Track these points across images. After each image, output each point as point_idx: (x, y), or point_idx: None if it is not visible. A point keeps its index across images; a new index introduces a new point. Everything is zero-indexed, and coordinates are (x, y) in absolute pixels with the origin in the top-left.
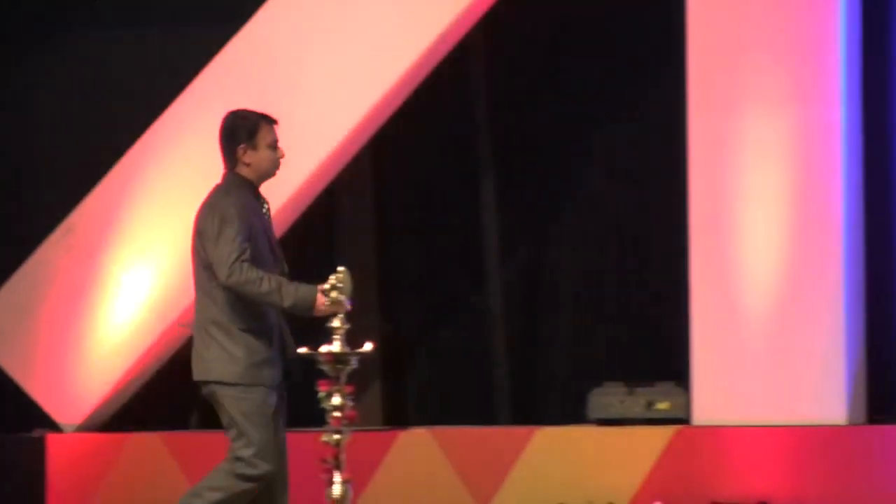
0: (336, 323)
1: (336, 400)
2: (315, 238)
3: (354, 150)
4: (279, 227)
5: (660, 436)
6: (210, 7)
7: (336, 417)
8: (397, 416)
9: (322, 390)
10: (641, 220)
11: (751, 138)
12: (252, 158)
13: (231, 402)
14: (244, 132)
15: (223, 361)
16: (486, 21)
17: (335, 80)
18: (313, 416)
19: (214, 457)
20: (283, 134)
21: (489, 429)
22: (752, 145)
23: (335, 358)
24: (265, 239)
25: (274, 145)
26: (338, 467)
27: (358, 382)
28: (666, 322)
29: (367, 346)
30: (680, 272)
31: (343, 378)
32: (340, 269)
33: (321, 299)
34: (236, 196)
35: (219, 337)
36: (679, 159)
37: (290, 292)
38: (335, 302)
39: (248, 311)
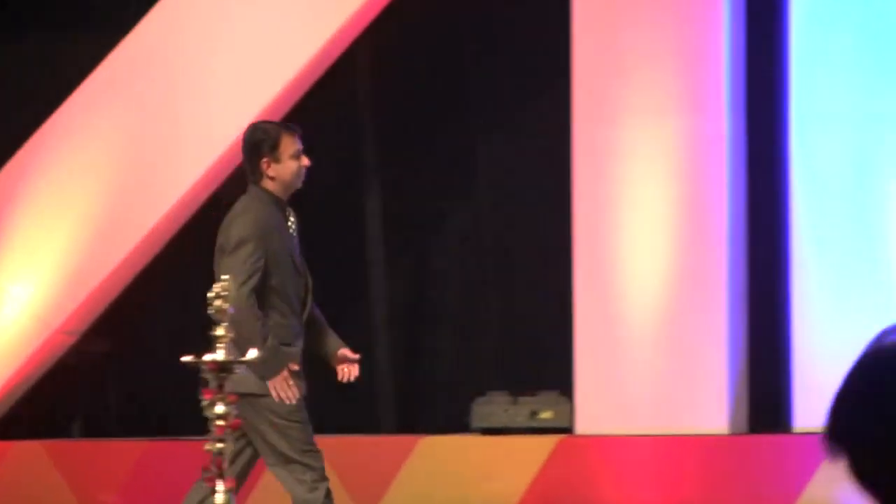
0: (219, 331)
1: (219, 408)
2: (195, 245)
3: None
4: (164, 234)
5: (543, 445)
6: (96, 15)
7: (220, 426)
8: None
9: (205, 399)
10: (526, 229)
11: (636, 149)
12: (276, 171)
13: (268, 413)
14: (266, 145)
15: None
16: (372, 30)
17: (221, 85)
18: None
19: (97, 465)
20: (166, 140)
21: (373, 437)
22: (637, 156)
23: (219, 366)
24: (287, 255)
25: (297, 155)
26: (221, 476)
27: None
28: (550, 331)
29: (252, 354)
30: (564, 282)
31: (227, 387)
32: (224, 277)
33: (284, 374)
34: (258, 213)
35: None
36: (564, 169)
37: (268, 348)
38: (219, 311)
39: (276, 323)
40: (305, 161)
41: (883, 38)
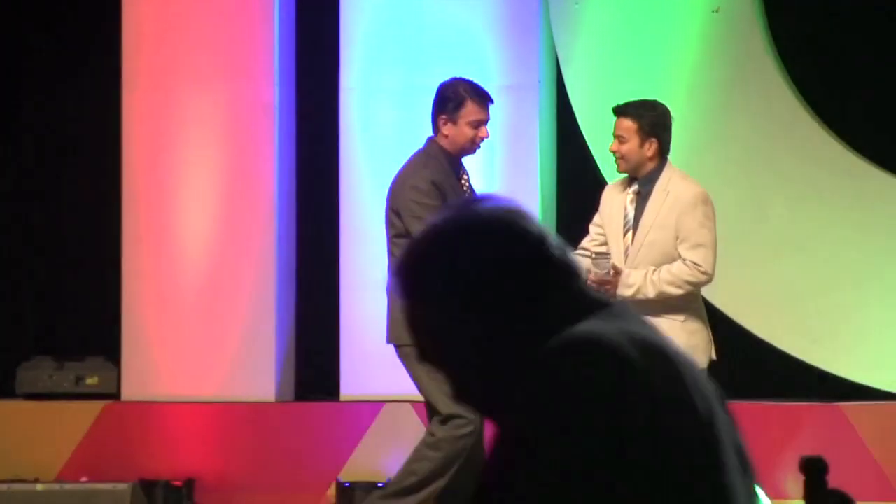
0: None
1: None
2: None
3: None
4: None
5: (88, 411)
6: None
7: None
8: None
9: None
10: (75, 193)
11: (185, 115)
12: (450, 131)
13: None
14: (450, 104)
15: None
16: None
17: None
18: None
19: None
20: None
21: None
22: (187, 122)
23: None
24: None
25: (476, 124)
26: None
27: None
28: (96, 296)
29: None
30: (114, 246)
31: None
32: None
33: None
34: (432, 169)
35: None
36: (114, 134)
37: None
38: None
39: None
40: (483, 132)
41: (426, 15)
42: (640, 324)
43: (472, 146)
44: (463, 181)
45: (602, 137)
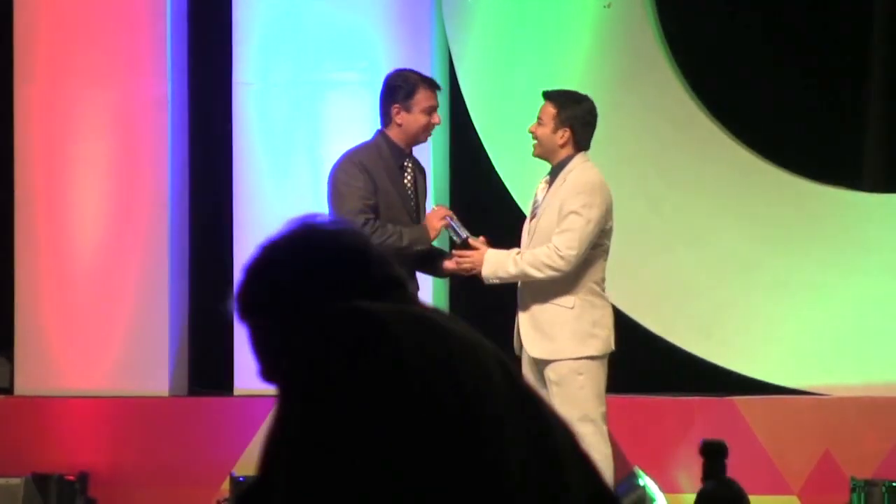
0: None
1: None
2: None
3: None
4: None
5: None
6: None
7: None
8: None
9: None
10: None
11: (77, 109)
12: (404, 120)
13: None
14: (402, 92)
15: None
16: None
17: None
18: None
19: None
20: None
21: None
22: (79, 117)
23: None
24: (398, 198)
25: (430, 111)
26: None
27: None
28: None
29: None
30: (7, 242)
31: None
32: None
33: (434, 224)
34: (366, 156)
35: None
36: (6, 128)
37: (407, 232)
38: None
39: None
40: (436, 119)
41: (320, 10)
42: (437, 315)
43: (424, 133)
44: (406, 173)
45: (495, 132)
